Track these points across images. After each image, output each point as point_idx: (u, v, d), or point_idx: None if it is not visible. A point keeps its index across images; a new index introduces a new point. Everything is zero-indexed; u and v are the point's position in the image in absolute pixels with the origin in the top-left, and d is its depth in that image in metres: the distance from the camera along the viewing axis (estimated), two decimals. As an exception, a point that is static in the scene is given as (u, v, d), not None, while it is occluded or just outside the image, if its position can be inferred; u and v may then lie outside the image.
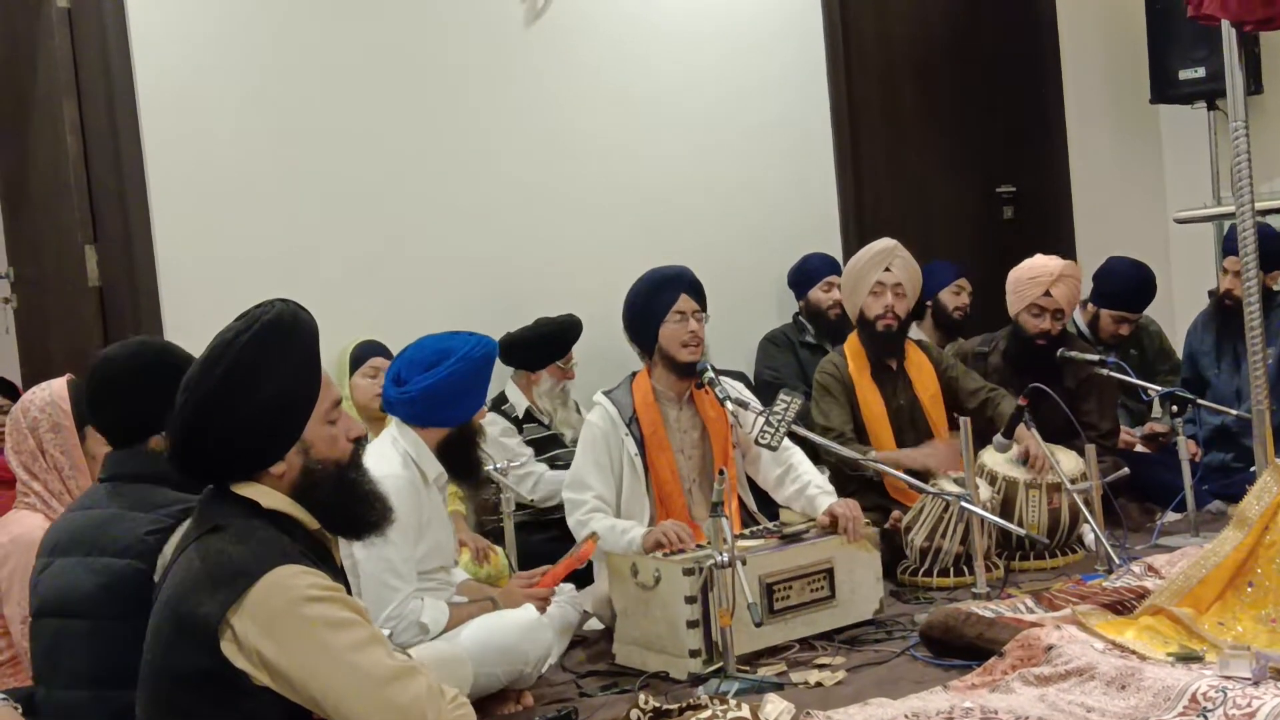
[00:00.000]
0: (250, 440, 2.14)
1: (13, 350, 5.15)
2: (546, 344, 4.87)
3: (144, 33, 4.44)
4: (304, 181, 4.74)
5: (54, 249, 4.77)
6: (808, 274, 5.70)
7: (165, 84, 4.47)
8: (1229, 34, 3.97)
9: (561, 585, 3.80)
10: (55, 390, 3.36)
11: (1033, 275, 4.92)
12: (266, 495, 2.17)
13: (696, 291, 4.11)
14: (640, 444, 4.02)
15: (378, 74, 4.90)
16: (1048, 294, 4.85)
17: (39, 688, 2.72)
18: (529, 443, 4.82)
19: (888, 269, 4.67)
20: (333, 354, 4.63)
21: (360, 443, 2.33)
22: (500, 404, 4.88)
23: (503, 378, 4.90)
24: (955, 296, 5.93)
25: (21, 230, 5.04)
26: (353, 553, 3.22)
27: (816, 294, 5.65)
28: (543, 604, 3.50)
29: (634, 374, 4.16)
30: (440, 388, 3.36)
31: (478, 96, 5.12)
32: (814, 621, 3.71)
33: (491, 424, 4.78)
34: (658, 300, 4.07)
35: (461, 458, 3.48)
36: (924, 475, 4.30)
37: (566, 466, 4.77)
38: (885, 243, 4.76)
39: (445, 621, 3.29)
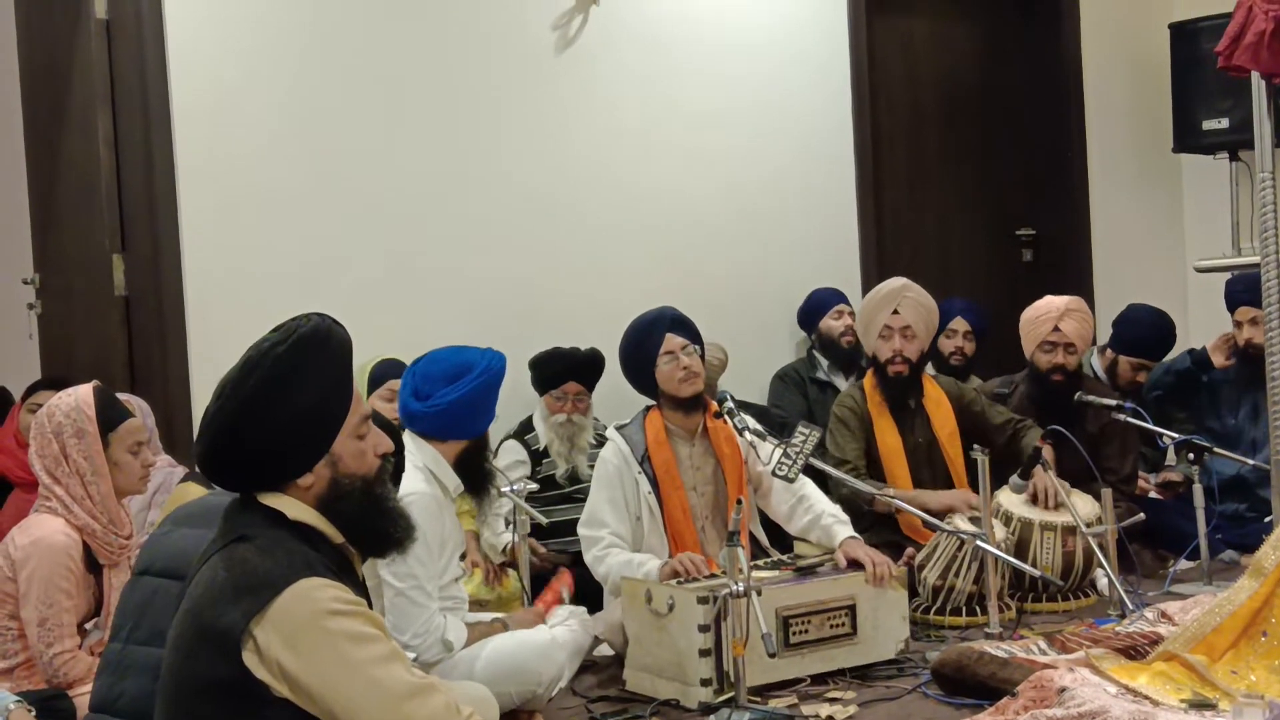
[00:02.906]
0: (280, 449, 2.15)
1: (36, 356, 5.19)
2: (536, 370, 4.83)
3: (181, 46, 4.49)
4: (332, 197, 4.78)
5: (81, 257, 4.80)
6: (816, 306, 5.70)
7: (200, 98, 4.52)
8: (1259, 85, 4.00)
9: (574, 608, 3.80)
10: (80, 396, 3.39)
11: (1040, 313, 4.97)
12: (293, 507, 2.17)
13: (682, 327, 4.13)
14: (653, 482, 4.03)
15: (408, 93, 4.94)
16: (1056, 329, 4.88)
17: (113, 643, 2.80)
18: (542, 479, 4.74)
19: (895, 311, 4.67)
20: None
21: (387, 459, 2.34)
22: (525, 432, 4.86)
23: (533, 402, 4.90)
24: (948, 340, 5.71)
25: (49, 237, 5.08)
26: (378, 571, 3.24)
27: (827, 323, 5.63)
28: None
29: (648, 408, 4.18)
30: (466, 401, 3.41)
31: (506, 120, 5.16)
32: (832, 657, 3.67)
33: (504, 454, 4.76)
34: (645, 347, 4.10)
35: (478, 469, 3.53)
36: (939, 513, 4.31)
37: (561, 500, 4.72)
38: (893, 284, 4.75)
39: (465, 639, 3.31)
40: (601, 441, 4.69)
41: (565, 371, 4.81)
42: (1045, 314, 4.94)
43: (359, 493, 2.23)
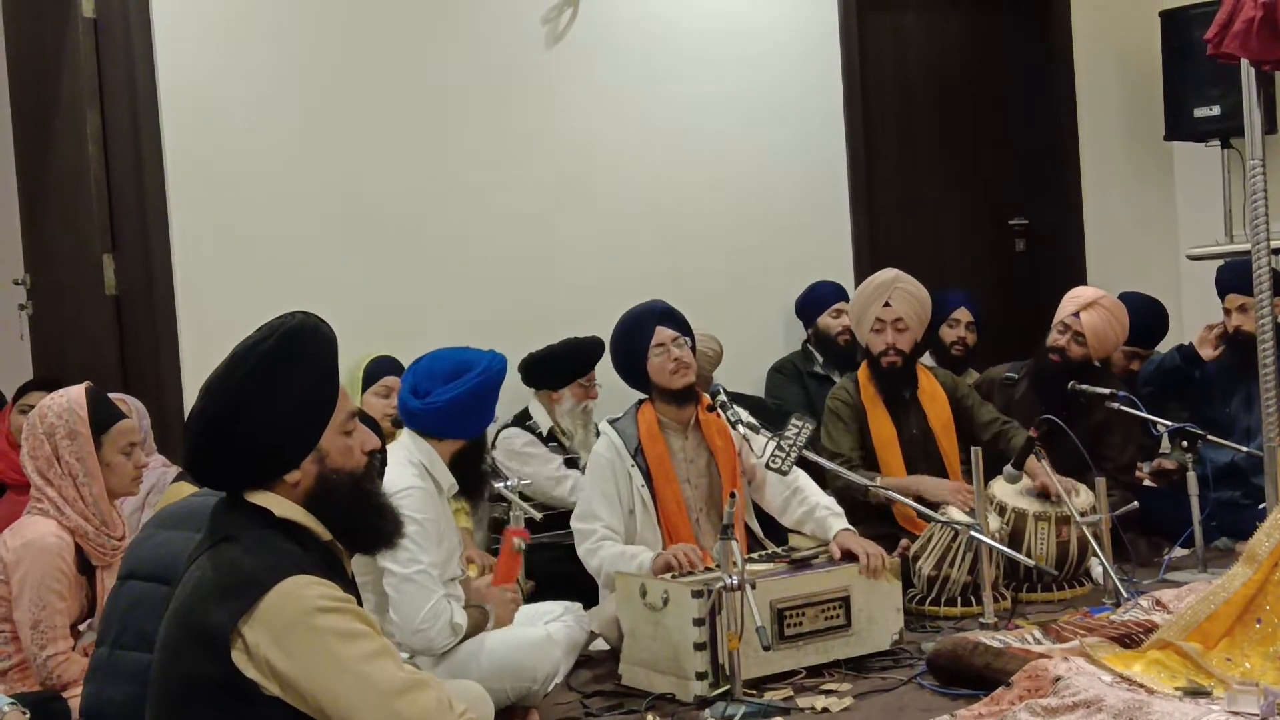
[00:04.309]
0: (267, 446, 2.14)
1: (27, 357, 5.18)
2: (568, 361, 4.86)
3: (168, 44, 4.48)
4: (323, 195, 4.77)
5: (72, 257, 4.79)
6: (816, 301, 5.70)
7: (188, 95, 4.51)
8: (1248, 73, 3.99)
9: (568, 604, 3.80)
10: (73, 397, 3.38)
11: (1072, 295, 4.98)
12: (280, 504, 2.17)
13: (672, 320, 4.14)
14: (646, 475, 4.03)
15: (399, 89, 4.94)
16: (1076, 315, 4.88)
17: (100, 648, 2.80)
18: (566, 461, 4.78)
19: (887, 303, 4.65)
20: (345, 366, 4.63)
21: (374, 455, 2.33)
22: (524, 420, 4.87)
23: (525, 396, 4.90)
24: (951, 330, 5.74)
25: (40, 237, 5.07)
26: (380, 562, 3.23)
27: (825, 320, 5.64)
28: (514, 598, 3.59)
29: (640, 402, 4.18)
30: (464, 399, 3.40)
31: (498, 114, 5.15)
32: (827, 649, 3.68)
33: (515, 436, 4.78)
34: (635, 341, 4.12)
35: (473, 470, 3.53)
36: (933, 503, 4.31)
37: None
38: (885, 275, 4.73)
39: (466, 626, 3.33)
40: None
41: (593, 359, 4.88)
42: (1076, 296, 4.96)
43: (347, 488, 2.22)
